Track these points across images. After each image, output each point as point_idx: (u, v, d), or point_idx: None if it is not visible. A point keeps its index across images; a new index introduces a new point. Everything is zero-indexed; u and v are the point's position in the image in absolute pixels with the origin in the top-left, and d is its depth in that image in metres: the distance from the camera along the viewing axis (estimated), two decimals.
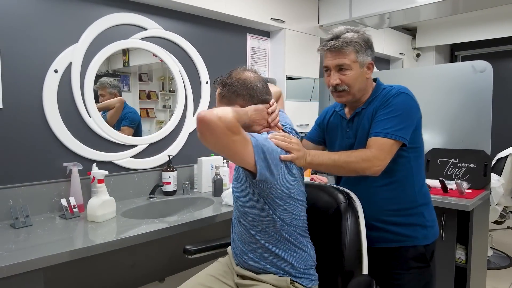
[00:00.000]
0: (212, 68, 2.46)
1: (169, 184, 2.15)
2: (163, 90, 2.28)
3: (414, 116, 1.31)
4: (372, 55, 1.37)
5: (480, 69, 2.25)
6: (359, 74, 1.33)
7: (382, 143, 1.26)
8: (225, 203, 1.98)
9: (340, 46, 1.31)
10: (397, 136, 1.25)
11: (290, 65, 2.77)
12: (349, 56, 1.31)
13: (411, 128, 1.29)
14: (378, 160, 1.24)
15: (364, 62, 1.33)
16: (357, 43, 1.31)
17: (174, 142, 2.29)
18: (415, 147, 1.36)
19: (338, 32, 1.33)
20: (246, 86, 1.21)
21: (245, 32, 2.67)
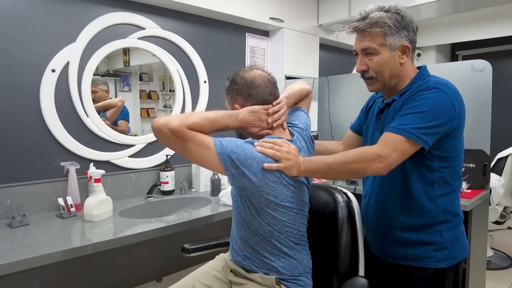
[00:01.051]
0: (211, 67, 2.46)
1: (167, 183, 2.15)
2: (164, 90, 2.28)
3: (445, 118, 1.09)
4: (409, 36, 1.17)
5: (479, 68, 2.23)
6: (388, 58, 1.17)
7: (390, 138, 1.08)
8: (222, 202, 1.97)
9: (364, 27, 1.16)
10: (412, 135, 1.06)
11: (289, 64, 2.76)
12: (376, 39, 1.15)
13: (437, 131, 1.08)
14: (379, 157, 1.05)
15: (395, 45, 1.15)
16: (385, 24, 1.14)
17: None
18: (444, 156, 1.16)
19: (368, 11, 1.17)
20: (248, 86, 1.20)
21: (244, 31, 2.66)
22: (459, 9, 2.96)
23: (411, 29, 1.18)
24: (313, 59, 2.99)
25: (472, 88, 2.27)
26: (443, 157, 1.16)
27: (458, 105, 1.11)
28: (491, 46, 4.29)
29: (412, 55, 1.21)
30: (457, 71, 2.34)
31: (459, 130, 1.15)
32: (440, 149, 1.14)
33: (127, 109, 2.14)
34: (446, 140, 1.13)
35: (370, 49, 1.17)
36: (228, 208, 1.89)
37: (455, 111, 1.10)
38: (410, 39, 1.18)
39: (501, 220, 3.13)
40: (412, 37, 1.18)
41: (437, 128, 1.08)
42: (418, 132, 1.06)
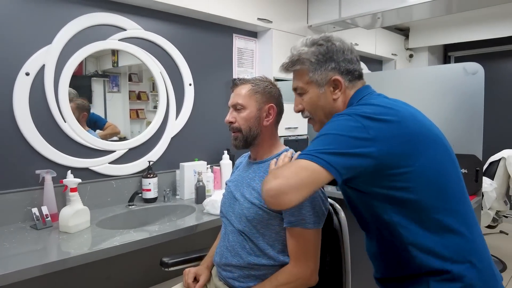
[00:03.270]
0: (196, 69, 2.38)
1: (149, 191, 2.07)
2: (154, 90, 2.21)
3: (355, 141, 0.87)
4: (339, 67, 1.03)
5: (471, 71, 2.18)
6: (318, 96, 1.05)
7: (289, 164, 0.92)
8: (206, 211, 1.90)
9: (288, 67, 1.10)
10: (312, 157, 0.86)
11: (278, 66, 2.68)
12: (301, 77, 1.06)
13: (348, 155, 0.86)
14: (270, 181, 0.88)
15: (322, 80, 1.03)
16: (306, 60, 1.04)
17: (155, 147, 2.20)
18: (389, 195, 0.92)
19: (293, 48, 1.10)
20: (280, 95, 1.37)
21: (231, 32, 2.59)
22: (451, 10, 2.93)
23: (342, 59, 1.03)
24: None
25: (464, 92, 2.22)
26: (388, 196, 0.92)
27: (375, 127, 0.88)
28: (484, 47, 4.26)
29: (350, 84, 1.06)
30: (449, 74, 2.29)
31: (391, 160, 0.88)
32: (380, 185, 0.92)
33: (96, 114, 2.04)
34: (387, 172, 0.89)
35: (299, 88, 1.08)
36: (212, 217, 1.82)
37: (367, 132, 0.87)
38: (342, 70, 1.04)
39: (493, 224, 3.09)
40: (345, 67, 1.04)
41: (349, 150, 0.87)
42: (318, 154, 0.87)
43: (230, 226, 1.27)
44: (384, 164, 0.88)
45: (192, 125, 2.37)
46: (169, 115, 2.26)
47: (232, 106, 1.31)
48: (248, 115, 1.27)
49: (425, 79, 2.41)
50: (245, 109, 1.27)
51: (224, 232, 1.30)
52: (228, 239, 1.25)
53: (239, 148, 1.32)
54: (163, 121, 2.23)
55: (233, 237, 1.23)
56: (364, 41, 3.65)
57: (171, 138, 2.27)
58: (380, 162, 0.87)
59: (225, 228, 1.31)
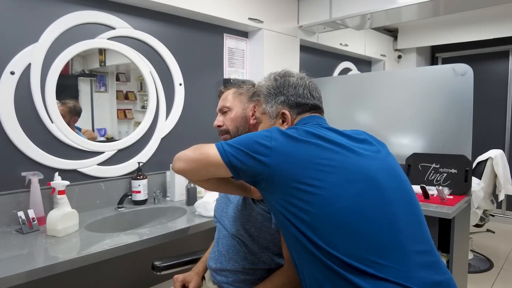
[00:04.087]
0: (187, 69, 2.35)
1: (139, 193, 2.03)
2: (142, 90, 2.17)
3: (255, 144, 0.93)
4: (287, 101, 1.09)
5: (461, 72, 2.20)
6: (268, 127, 1.11)
7: (204, 145, 1.00)
8: (198, 213, 1.87)
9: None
10: (219, 145, 0.96)
11: (269, 66, 2.68)
12: (260, 107, 1.20)
13: (243, 152, 0.93)
14: (180, 155, 1.01)
15: (273, 113, 1.12)
16: (261, 92, 1.16)
17: (145, 148, 2.16)
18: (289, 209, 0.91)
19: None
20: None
21: (222, 32, 2.56)
22: (439, 12, 2.97)
23: (293, 93, 1.09)
24: (294, 61, 2.91)
25: (454, 92, 2.24)
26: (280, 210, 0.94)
27: (280, 140, 0.92)
28: (470, 49, 4.33)
29: (299, 116, 1.09)
30: (438, 75, 2.32)
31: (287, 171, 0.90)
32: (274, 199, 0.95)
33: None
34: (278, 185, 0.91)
35: (256, 118, 1.19)
36: (204, 220, 1.79)
37: (269, 141, 0.92)
38: (291, 104, 1.08)
39: (480, 223, 3.13)
40: (294, 101, 1.08)
41: (248, 148, 0.93)
42: (224, 144, 0.96)
43: (223, 231, 1.25)
44: (280, 176, 0.90)
45: (182, 125, 2.34)
46: (159, 115, 2.22)
47: (219, 110, 1.34)
48: (234, 115, 1.29)
49: (414, 80, 2.43)
50: (231, 110, 1.30)
51: (218, 237, 1.28)
52: (223, 243, 1.23)
53: None
54: (153, 122, 2.19)
55: (227, 242, 1.21)
56: (353, 42, 3.67)
57: (161, 139, 2.24)
58: (273, 172, 0.90)
59: (218, 233, 1.29)
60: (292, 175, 0.89)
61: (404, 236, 0.87)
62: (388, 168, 0.96)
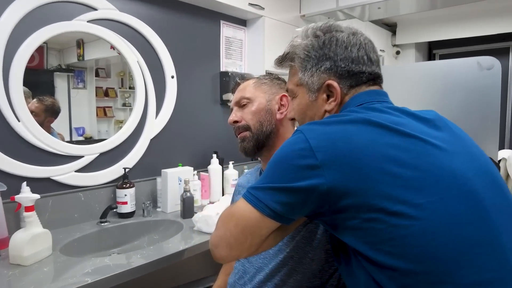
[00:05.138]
0: (180, 60, 2.05)
1: (125, 204, 1.72)
2: (123, 87, 1.88)
3: (296, 170, 0.66)
4: (334, 69, 0.77)
5: (486, 66, 2.00)
6: (306, 104, 0.82)
7: (230, 207, 0.77)
8: (197, 229, 1.58)
9: (278, 61, 0.89)
10: (248, 196, 0.71)
11: (271, 59, 2.39)
12: (293, 76, 0.85)
13: (285, 190, 0.66)
14: (214, 240, 0.77)
15: (313, 84, 0.79)
16: (296, 55, 0.82)
17: (131, 151, 1.86)
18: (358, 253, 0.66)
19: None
20: None
21: (218, 18, 2.27)
22: (436, 5, 2.81)
23: (343, 56, 0.77)
24: None
25: (478, 89, 2.04)
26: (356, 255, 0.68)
27: (328, 150, 0.64)
28: (469, 45, 4.18)
29: (352, 91, 0.78)
30: (460, 69, 2.11)
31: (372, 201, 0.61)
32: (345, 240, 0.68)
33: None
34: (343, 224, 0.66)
35: (289, 91, 0.87)
36: (206, 237, 1.51)
37: (315, 158, 0.64)
38: (341, 72, 0.77)
39: None
40: (345, 68, 0.77)
41: (284, 184, 0.66)
42: (255, 191, 0.70)
43: (251, 268, 0.99)
44: (344, 196, 0.63)
45: (174, 124, 2.04)
46: (148, 113, 1.91)
47: (236, 103, 1.09)
48: (256, 108, 1.05)
49: (430, 75, 2.21)
50: (252, 102, 1.05)
51: (241, 276, 1.03)
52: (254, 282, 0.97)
53: (249, 152, 1.06)
54: (141, 120, 1.89)
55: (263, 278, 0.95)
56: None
57: (150, 140, 1.93)
58: (335, 190, 0.63)
59: (243, 271, 1.03)
60: (362, 197, 0.61)
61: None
62: (484, 171, 0.69)
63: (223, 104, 2.31)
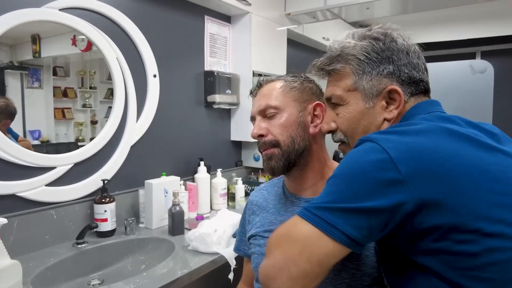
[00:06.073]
0: (162, 57, 1.84)
1: (105, 221, 1.50)
2: (83, 86, 1.66)
3: (371, 186, 0.56)
4: (397, 73, 0.70)
5: (479, 69, 1.98)
6: (361, 112, 0.73)
7: (286, 228, 0.64)
8: (192, 248, 1.40)
9: (322, 64, 0.77)
10: (312, 217, 0.59)
11: (257, 59, 2.26)
12: (342, 81, 0.74)
13: (364, 212, 0.56)
14: (270, 271, 0.62)
15: (372, 89, 0.71)
16: (353, 56, 0.72)
17: (109, 160, 1.63)
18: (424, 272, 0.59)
19: (332, 42, 0.79)
20: None
21: (202, 13, 2.09)
22: (407, 10, 2.83)
23: (406, 62, 0.71)
24: (281, 54, 2.52)
25: (471, 92, 2.02)
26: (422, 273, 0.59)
27: (412, 162, 0.56)
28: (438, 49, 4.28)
29: (412, 99, 0.71)
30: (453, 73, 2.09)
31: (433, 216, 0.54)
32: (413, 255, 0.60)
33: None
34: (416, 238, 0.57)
35: (335, 97, 0.75)
36: (203, 258, 1.33)
37: (398, 171, 0.55)
38: (404, 78, 0.70)
39: None
40: (408, 74, 0.70)
41: (363, 203, 0.55)
42: (321, 212, 0.58)
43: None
44: (430, 214, 0.55)
45: (157, 129, 1.84)
46: (128, 116, 1.70)
47: (260, 112, 0.91)
48: (287, 120, 0.88)
49: None
50: (281, 113, 0.88)
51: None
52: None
53: (277, 172, 0.91)
54: (120, 125, 1.67)
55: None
56: (333, 37, 3.37)
57: (131, 147, 1.71)
58: (419, 206, 0.54)
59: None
60: (455, 215, 0.54)
61: None
62: None
63: (208, 106, 2.13)
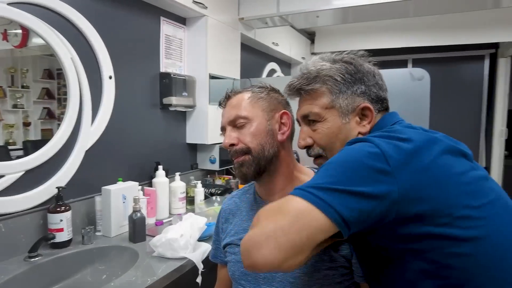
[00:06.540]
0: (118, 58, 1.77)
1: (61, 231, 1.41)
2: (13, 85, 1.54)
3: (368, 172, 0.62)
4: (368, 93, 0.80)
5: (418, 77, 2.18)
6: (338, 127, 0.80)
7: (278, 203, 0.66)
8: (158, 254, 1.37)
9: (302, 84, 0.83)
10: (308, 195, 0.61)
11: (213, 62, 2.26)
12: (319, 100, 0.81)
13: (357, 194, 0.60)
14: (257, 238, 0.62)
15: (347, 107, 0.80)
16: (330, 78, 0.80)
17: (64, 166, 1.53)
18: (412, 249, 0.64)
19: (307, 63, 0.86)
20: None
21: (158, 14, 2.04)
22: (348, 20, 3.04)
23: (374, 83, 0.81)
24: (236, 57, 2.54)
25: (410, 98, 2.20)
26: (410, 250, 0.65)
27: (399, 159, 0.62)
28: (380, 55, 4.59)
29: (378, 115, 0.82)
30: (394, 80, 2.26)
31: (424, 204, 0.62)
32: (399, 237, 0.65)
33: None
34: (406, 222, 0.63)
35: (312, 115, 0.82)
36: (171, 264, 1.31)
37: (388, 163, 0.62)
38: (373, 97, 0.81)
39: None
40: (376, 93, 0.81)
41: (356, 187, 0.60)
42: (317, 190, 0.61)
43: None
44: (414, 205, 0.62)
45: (112, 132, 1.76)
46: (83, 119, 1.61)
47: (230, 123, 0.94)
48: (256, 129, 0.92)
49: None
50: (251, 122, 0.92)
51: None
52: None
53: (249, 178, 0.94)
54: (75, 129, 1.57)
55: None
56: (282, 42, 3.47)
57: (86, 152, 1.63)
58: (404, 201, 0.62)
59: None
60: (433, 203, 0.62)
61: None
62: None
63: (164, 109, 2.08)
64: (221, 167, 2.37)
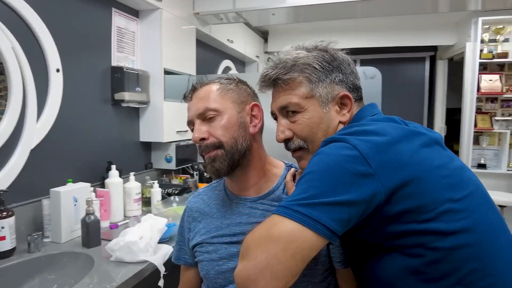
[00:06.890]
0: (66, 50, 1.64)
1: (3, 239, 1.27)
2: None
3: (347, 179, 0.61)
4: (345, 81, 0.80)
5: (370, 75, 2.26)
6: (319, 116, 0.78)
7: (265, 228, 0.64)
8: (115, 259, 1.29)
9: (275, 75, 0.80)
10: (294, 214, 0.61)
11: (167, 56, 2.17)
12: (298, 89, 0.78)
13: (345, 204, 0.60)
14: (251, 272, 0.62)
15: (327, 95, 0.78)
16: (308, 66, 0.78)
17: (5, 167, 1.39)
18: (397, 246, 0.65)
19: (281, 53, 0.83)
20: None
21: (110, 5, 1.92)
22: (299, 19, 3.10)
23: (350, 71, 0.81)
24: (191, 53, 2.48)
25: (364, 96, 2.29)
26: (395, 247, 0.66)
27: (380, 158, 0.62)
28: None
29: (355, 104, 0.81)
30: None
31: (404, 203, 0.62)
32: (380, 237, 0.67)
33: None
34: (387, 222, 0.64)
35: (292, 105, 0.79)
36: (131, 269, 1.23)
37: (369, 165, 0.61)
38: (350, 85, 0.80)
39: None
40: (352, 82, 0.81)
41: (337, 195, 0.60)
42: (299, 207, 0.61)
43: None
44: (398, 201, 0.63)
45: (60, 130, 1.63)
46: (27, 115, 1.47)
47: (199, 116, 0.88)
48: (228, 121, 0.88)
49: None
50: (221, 115, 0.88)
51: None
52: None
53: (222, 173, 0.90)
54: (18, 126, 1.43)
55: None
56: (237, 39, 3.45)
57: (31, 151, 1.49)
58: (389, 196, 0.62)
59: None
60: (417, 200, 0.62)
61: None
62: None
63: (116, 105, 1.97)
64: (177, 166, 2.29)
